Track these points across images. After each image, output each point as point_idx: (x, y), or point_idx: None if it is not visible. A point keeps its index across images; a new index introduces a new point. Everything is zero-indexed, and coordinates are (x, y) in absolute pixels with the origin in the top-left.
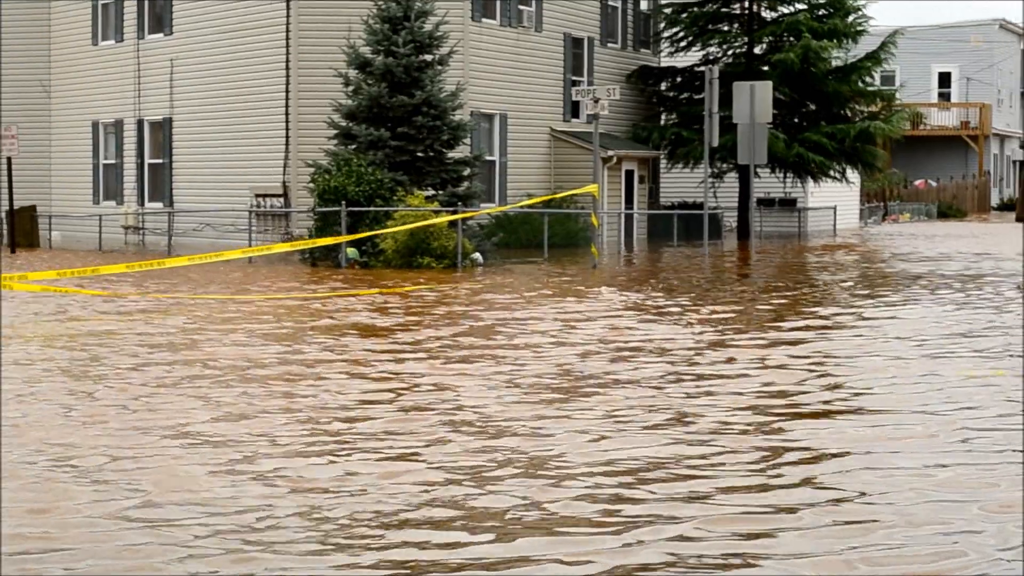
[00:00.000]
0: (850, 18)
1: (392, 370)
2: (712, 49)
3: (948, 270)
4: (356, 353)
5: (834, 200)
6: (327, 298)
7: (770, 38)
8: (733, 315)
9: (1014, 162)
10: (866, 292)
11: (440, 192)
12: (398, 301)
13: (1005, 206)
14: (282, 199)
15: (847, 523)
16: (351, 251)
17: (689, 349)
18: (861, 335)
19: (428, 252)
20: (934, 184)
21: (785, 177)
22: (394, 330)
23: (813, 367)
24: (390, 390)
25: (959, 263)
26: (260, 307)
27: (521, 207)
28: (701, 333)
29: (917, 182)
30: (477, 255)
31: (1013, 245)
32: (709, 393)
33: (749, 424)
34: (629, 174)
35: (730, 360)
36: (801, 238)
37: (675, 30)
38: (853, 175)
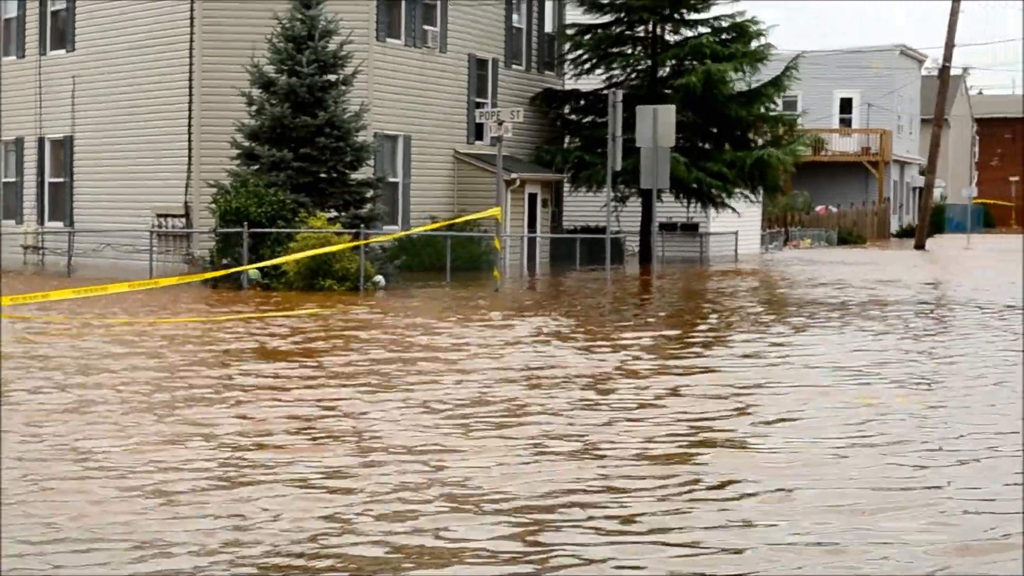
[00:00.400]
0: (753, 44)
1: (300, 396)
2: (616, 72)
3: (854, 297)
4: (260, 379)
5: (736, 225)
6: (236, 320)
7: (673, 61)
8: (641, 342)
9: (914, 189)
10: (775, 319)
11: (343, 214)
12: (302, 325)
13: (904, 233)
14: (184, 219)
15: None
16: (253, 273)
17: (598, 376)
18: (774, 363)
19: (330, 274)
20: (835, 210)
21: (689, 203)
22: (298, 354)
23: (726, 395)
24: (298, 417)
25: (864, 290)
26: (156, 331)
27: (424, 231)
28: (609, 360)
29: (818, 208)
30: (379, 278)
31: (913, 272)
32: (622, 421)
33: (661, 454)
34: (532, 197)
35: (641, 389)
36: (703, 263)
37: (579, 52)
38: (756, 198)
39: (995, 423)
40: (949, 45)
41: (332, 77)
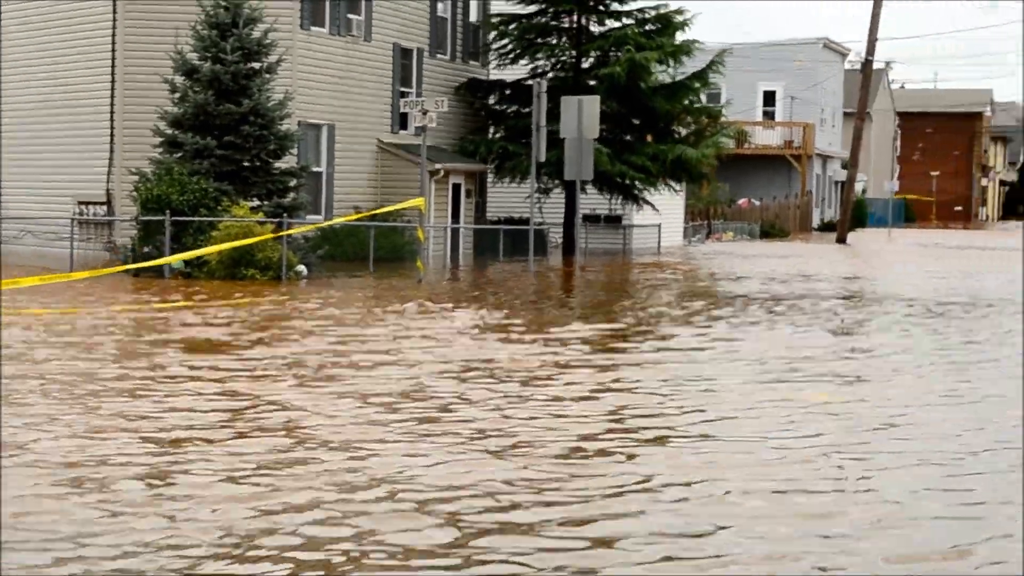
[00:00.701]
0: (678, 36)
1: (228, 389)
2: (540, 62)
3: (779, 291)
4: (186, 370)
5: (659, 218)
6: (159, 310)
7: (598, 52)
8: (567, 335)
9: (836, 182)
10: (701, 313)
11: (266, 203)
12: (226, 316)
13: (826, 226)
14: (105, 207)
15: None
16: (175, 262)
17: (526, 370)
18: (702, 358)
19: (252, 264)
20: (757, 203)
21: (611, 198)
22: (224, 346)
23: (654, 391)
24: (227, 410)
25: (788, 284)
26: (77, 322)
27: (348, 222)
28: (536, 352)
29: (740, 201)
30: (301, 268)
31: (834, 266)
32: (551, 416)
33: (592, 450)
34: (456, 188)
35: (569, 383)
36: (626, 255)
37: (504, 43)
38: (679, 189)
39: (931, 421)
40: (872, 39)
41: (256, 65)
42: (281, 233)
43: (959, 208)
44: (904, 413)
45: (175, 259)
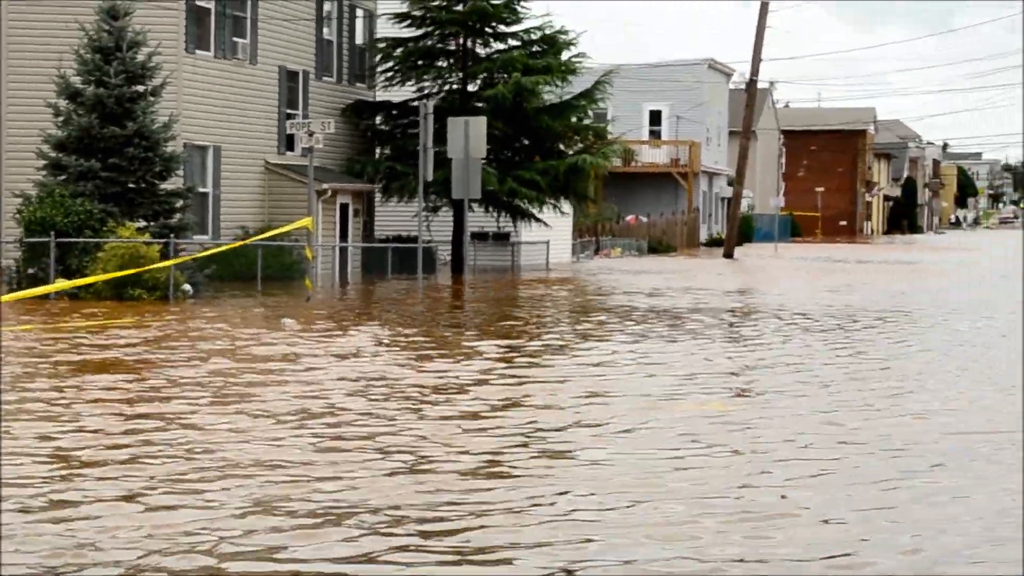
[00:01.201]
0: (564, 56)
1: (130, 411)
2: (427, 84)
3: (670, 306)
4: (81, 392)
5: (547, 235)
6: (49, 331)
7: (484, 75)
8: (460, 352)
9: (722, 199)
10: (597, 329)
11: (152, 223)
12: (119, 336)
13: (714, 242)
14: None
15: None
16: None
17: (418, 387)
18: (600, 372)
19: (139, 284)
20: (645, 220)
21: (499, 216)
22: (117, 366)
23: (554, 405)
24: (127, 431)
25: (679, 299)
26: None
27: (239, 245)
28: (429, 370)
29: (628, 218)
30: (187, 287)
31: (723, 281)
32: (450, 433)
33: (496, 467)
34: (344, 207)
35: (475, 398)
36: (515, 272)
37: (389, 65)
38: (567, 207)
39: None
40: (756, 59)
41: (141, 88)
42: (179, 259)
43: (844, 223)
44: (798, 430)
45: (65, 286)
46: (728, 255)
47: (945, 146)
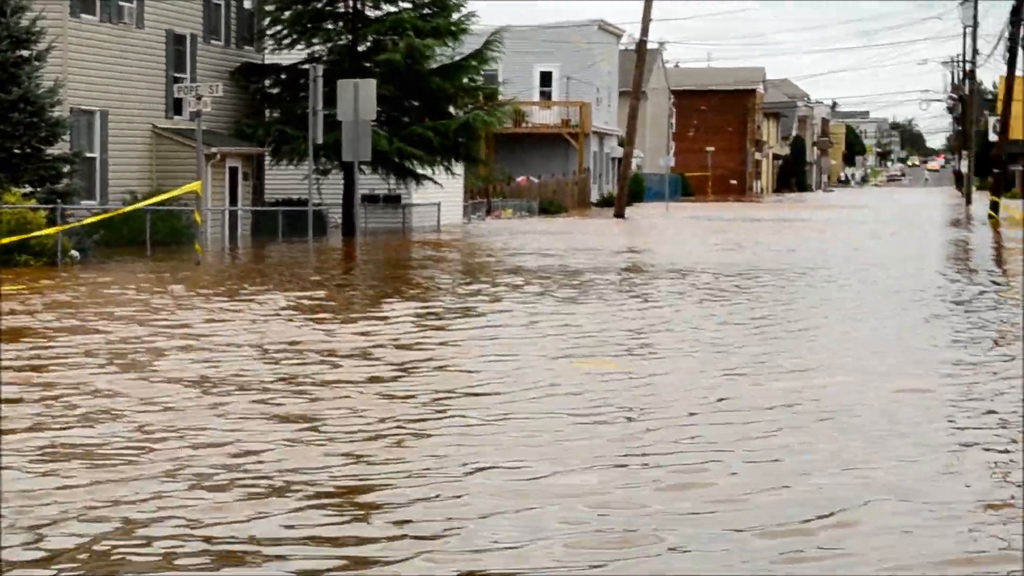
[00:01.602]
0: (454, 17)
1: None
2: (316, 47)
3: (562, 265)
4: None
5: (438, 197)
6: None
7: (374, 36)
8: (356, 314)
9: (613, 159)
10: (491, 290)
11: (39, 189)
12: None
13: (605, 202)
14: None
15: None
16: None
17: (317, 350)
18: (496, 334)
19: (26, 249)
20: (536, 181)
21: (388, 177)
22: (17, 334)
23: (454, 366)
24: (30, 399)
25: (572, 258)
26: None
27: (128, 210)
28: (333, 332)
29: (519, 179)
30: (75, 253)
31: (614, 240)
32: (356, 396)
33: (401, 433)
34: (233, 171)
35: (378, 360)
36: (406, 234)
37: (278, 28)
38: (458, 169)
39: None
40: (646, 20)
41: (25, 53)
42: (66, 225)
43: (734, 182)
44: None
45: None
46: (619, 215)
47: (833, 105)
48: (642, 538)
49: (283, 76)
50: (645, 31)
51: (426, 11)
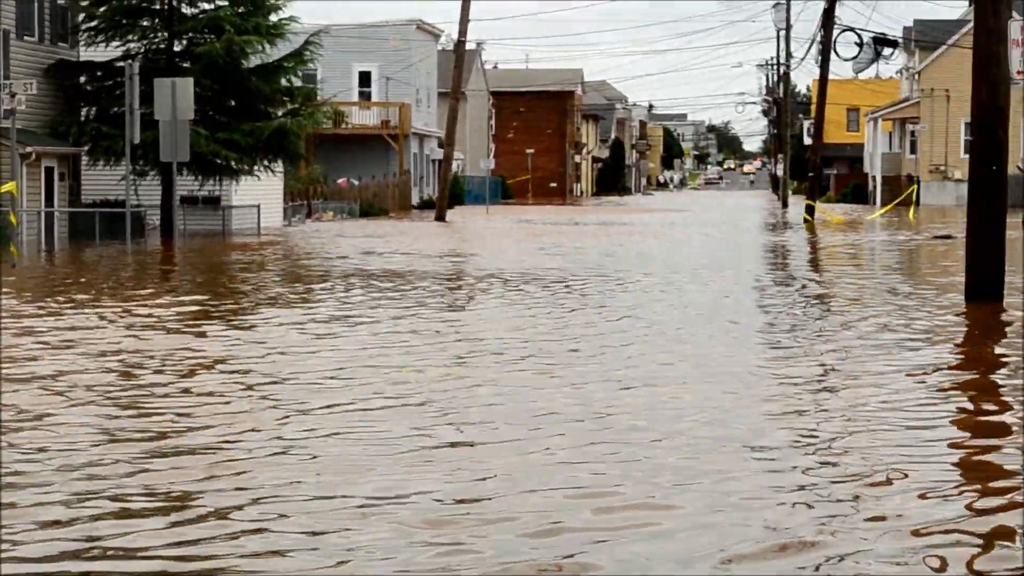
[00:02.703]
0: (273, 17)
1: None
2: (132, 44)
3: (382, 269)
4: None
5: (258, 199)
6: None
7: (191, 34)
8: (177, 317)
9: (433, 161)
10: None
11: None
12: None
13: (425, 204)
14: None
15: None
16: None
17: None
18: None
19: None
20: (356, 183)
21: (204, 177)
22: None
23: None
24: None
25: (394, 262)
26: None
27: None
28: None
29: (340, 181)
30: None
31: (435, 243)
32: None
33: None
34: (49, 171)
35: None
36: (226, 236)
37: (93, 24)
38: (277, 169)
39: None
40: (464, 20)
41: None
42: None
43: (554, 184)
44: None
45: None
46: (440, 218)
47: (651, 107)
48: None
49: (99, 73)
50: (463, 31)
51: (243, 9)
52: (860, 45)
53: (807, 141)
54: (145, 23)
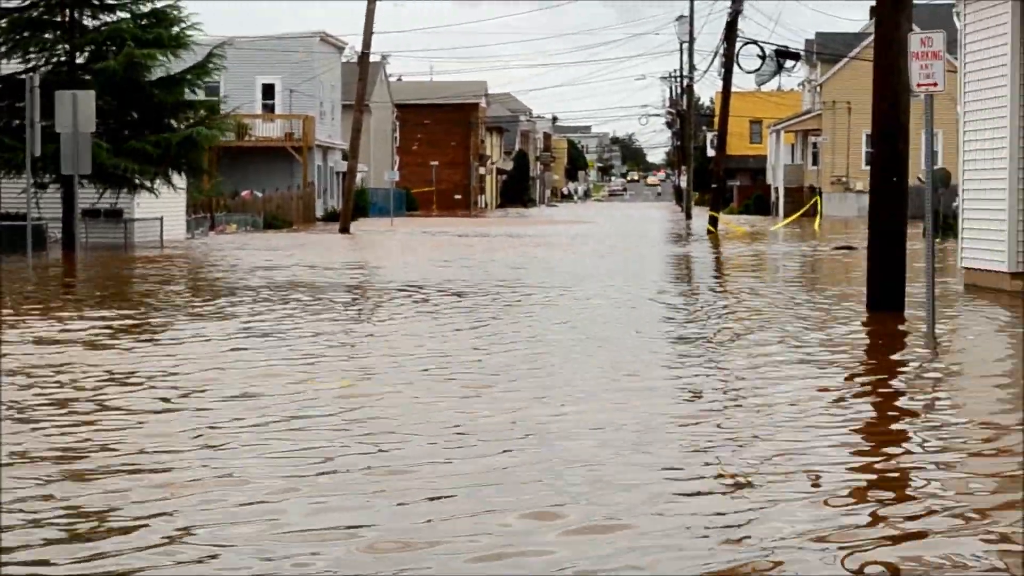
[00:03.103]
0: (175, 29)
1: None
2: (33, 57)
3: (288, 281)
4: None
5: (161, 211)
6: None
7: (92, 47)
8: (84, 332)
9: (338, 173)
10: (213, 305)
11: None
12: None
13: (330, 216)
14: None
15: None
16: None
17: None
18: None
19: None
20: (260, 195)
21: (106, 190)
22: None
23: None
24: None
25: (299, 274)
26: None
27: None
28: (60, 351)
29: (243, 193)
30: None
31: (340, 255)
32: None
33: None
34: None
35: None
36: (128, 249)
37: None
38: (180, 182)
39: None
40: (367, 32)
41: None
42: None
43: (459, 196)
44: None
45: None
46: (344, 230)
47: (554, 119)
48: None
49: None
50: (367, 43)
51: (145, 21)
52: (763, 58)
53: (710, 153)
54: (47, 36)
